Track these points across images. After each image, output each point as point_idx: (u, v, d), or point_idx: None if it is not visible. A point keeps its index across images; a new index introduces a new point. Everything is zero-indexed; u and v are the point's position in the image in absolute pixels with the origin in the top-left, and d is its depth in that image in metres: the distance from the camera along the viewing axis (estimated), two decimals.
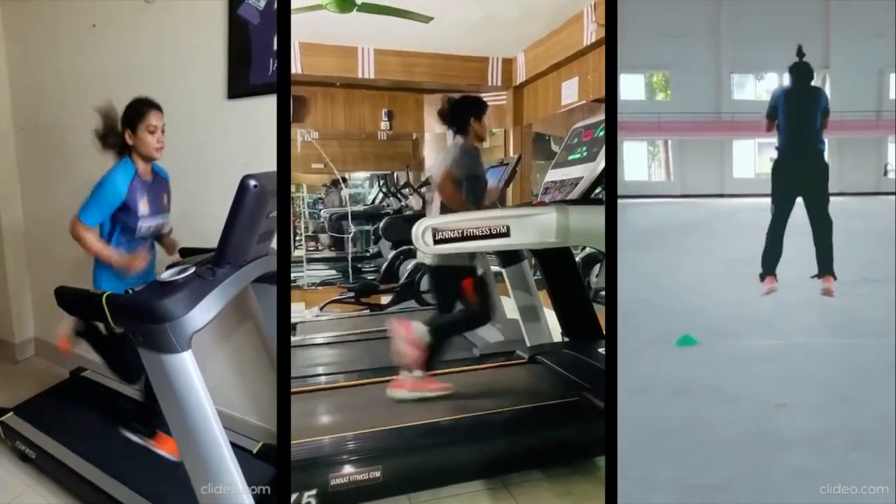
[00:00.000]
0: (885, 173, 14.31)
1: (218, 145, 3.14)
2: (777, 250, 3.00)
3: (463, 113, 2.99)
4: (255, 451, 2.80)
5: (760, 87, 14.26)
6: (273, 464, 2.62)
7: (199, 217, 2.84)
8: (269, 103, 2.84)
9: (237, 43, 3.03)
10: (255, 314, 3.03)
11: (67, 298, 2.23)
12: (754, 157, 14.40)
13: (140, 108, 2.52)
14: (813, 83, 3.09)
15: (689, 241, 7.08)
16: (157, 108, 2.55)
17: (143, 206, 2.54)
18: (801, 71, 3.04)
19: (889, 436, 2.00)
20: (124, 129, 2.54)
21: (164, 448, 2.76)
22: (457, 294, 2.98)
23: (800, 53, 3.04)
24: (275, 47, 2.92)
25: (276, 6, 2.88)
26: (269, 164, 2.31)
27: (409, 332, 2.89)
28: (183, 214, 2.83)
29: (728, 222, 8.86)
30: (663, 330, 3.13)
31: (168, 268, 2.18)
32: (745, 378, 2.60)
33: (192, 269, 2.10)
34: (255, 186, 2.05)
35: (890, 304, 3.47)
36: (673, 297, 3.97)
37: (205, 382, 1.97)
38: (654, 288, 4.15)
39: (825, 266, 2.95)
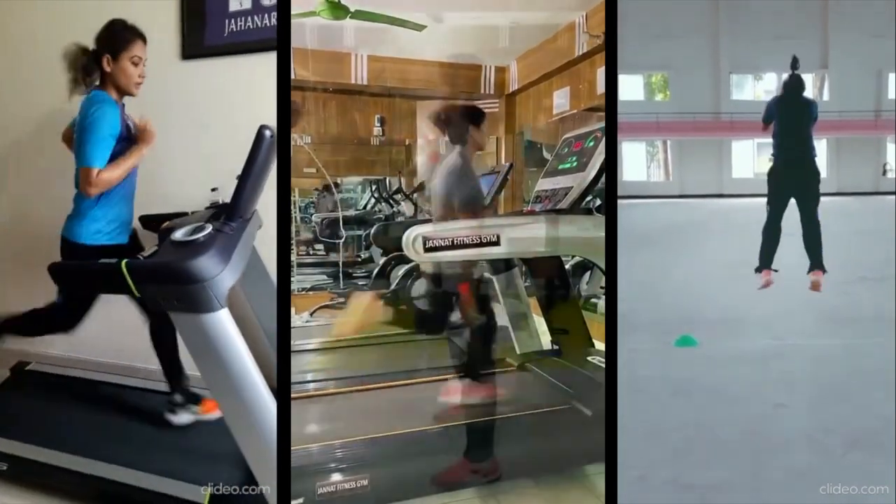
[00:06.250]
0: (884, 173, 14.29)
1: (173, 106, 2.98)
2: (772, 246, 3.13)
3: (461, 121, 2.98)
4: None
5: (759, 87, 14.23)
6: None
7: (157, 180, 2.72)
8: (223, 65, 2.79)
9: (191, 2, 2.98)
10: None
11: (69, 273, 2.05)
12: (753, 157, 14.37)
13: (125, 35, 2.25)
14: (806, 92, 3.19)
15: (687, 241, 7.07)
16: (143, 38, 2.28)
17: (132, 125, 2.37)
18: (793, 84, 3.13)
19: (888, 435, 1.99)
20: (102, 53, 2.24)
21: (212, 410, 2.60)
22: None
23: (794, 66, 3.14)
24: (230, 9, 2.92)
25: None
26: (232, 126, 2.21)
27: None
28: (139, 177, 2.63)
29: (727, 222, 8.82)
30: (661, 331, 3.13)
31: (162, 232, 2.05)
32: (744, 378, 2.59)
33: (210, 227, 1.99)
34: (272, 136, 1.99)
35: (886, 304, 3.47)
36: (671, 297, 3.95)
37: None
38: (652, 288, 4.13)
39: (814, 261, 3.10)
